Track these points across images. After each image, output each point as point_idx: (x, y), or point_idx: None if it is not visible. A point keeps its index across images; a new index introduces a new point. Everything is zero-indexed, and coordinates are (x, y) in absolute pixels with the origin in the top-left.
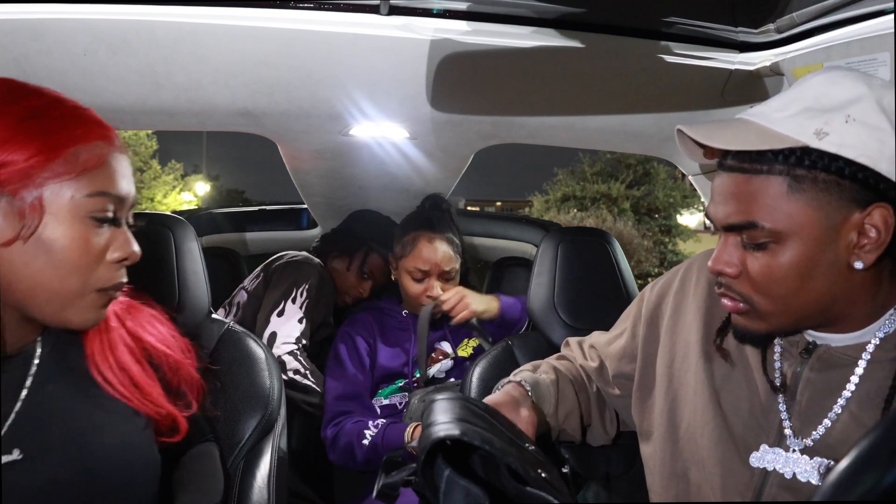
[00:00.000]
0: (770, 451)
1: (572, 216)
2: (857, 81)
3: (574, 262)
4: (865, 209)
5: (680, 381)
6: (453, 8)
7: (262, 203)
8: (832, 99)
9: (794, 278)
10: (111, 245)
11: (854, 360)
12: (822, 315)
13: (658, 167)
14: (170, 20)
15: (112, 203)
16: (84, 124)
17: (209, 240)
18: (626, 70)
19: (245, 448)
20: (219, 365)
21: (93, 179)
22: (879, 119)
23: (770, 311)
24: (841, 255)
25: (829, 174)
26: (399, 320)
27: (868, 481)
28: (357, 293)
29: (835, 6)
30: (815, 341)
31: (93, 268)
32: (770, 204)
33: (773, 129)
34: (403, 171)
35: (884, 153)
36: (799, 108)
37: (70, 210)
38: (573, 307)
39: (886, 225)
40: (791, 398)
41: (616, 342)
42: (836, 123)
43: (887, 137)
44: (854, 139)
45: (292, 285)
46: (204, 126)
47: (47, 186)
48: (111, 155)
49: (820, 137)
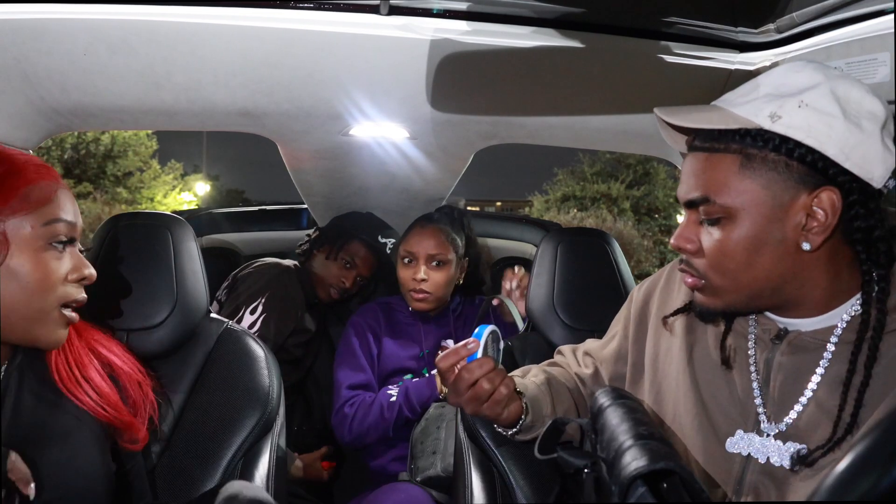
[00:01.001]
0: (745, 437)
1: (572, 216)
2: (816, 71)
3: (574, 263)
4: (814, 191)
5: (664, 374)
6: (453, 8)
7: (262, 203)
8: (790, 86)
9: (743, 253)
10: (70, 266)
11: (823, 343)
12: (774, 294)
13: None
14: (170, 20)
15: (65, 227)
16: (31, 170)
17: (209, 240)
18: (626, 70)
19: (244, 447)
20: (218, 364)
21: (46, 211)
22: (831, 106)
23: (722, 287)
24: (788, 234)
25: (779, 154)
26: (406, 314)
27: (868, 481)
28: (340, 284)
29: (835, 6)
30: (787, 327)
31: (56, 287)
32: (722, 180)
33: (733, 112)
34: (403, 171)
35: (832, 137)
36: (759, 94)
37: (31, 239)
38: (573, 307)
39: (833, 208)
40: (765, 384)
41: (609, 345)
42: (789, 107)
43: (837, 123)
44: (803, 122)
45: (253, 295)
46: (204, 126)
47: (9, 222)
48: (58, 190)
49: (773, 120)
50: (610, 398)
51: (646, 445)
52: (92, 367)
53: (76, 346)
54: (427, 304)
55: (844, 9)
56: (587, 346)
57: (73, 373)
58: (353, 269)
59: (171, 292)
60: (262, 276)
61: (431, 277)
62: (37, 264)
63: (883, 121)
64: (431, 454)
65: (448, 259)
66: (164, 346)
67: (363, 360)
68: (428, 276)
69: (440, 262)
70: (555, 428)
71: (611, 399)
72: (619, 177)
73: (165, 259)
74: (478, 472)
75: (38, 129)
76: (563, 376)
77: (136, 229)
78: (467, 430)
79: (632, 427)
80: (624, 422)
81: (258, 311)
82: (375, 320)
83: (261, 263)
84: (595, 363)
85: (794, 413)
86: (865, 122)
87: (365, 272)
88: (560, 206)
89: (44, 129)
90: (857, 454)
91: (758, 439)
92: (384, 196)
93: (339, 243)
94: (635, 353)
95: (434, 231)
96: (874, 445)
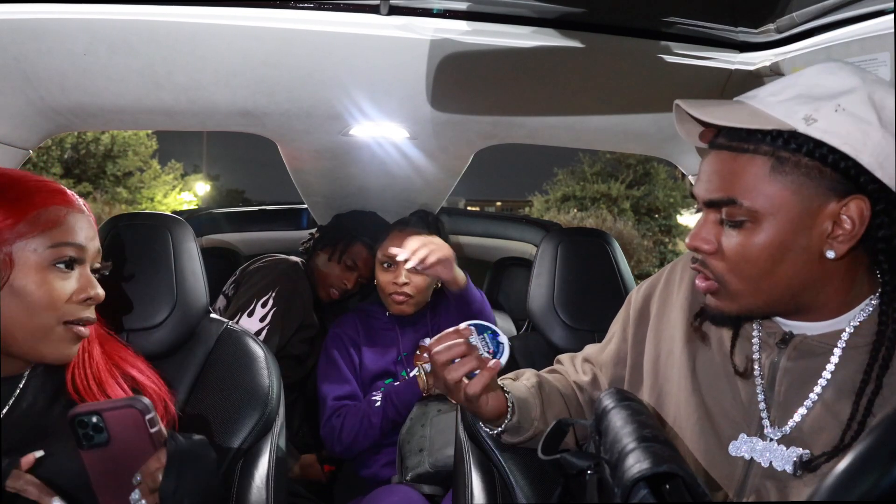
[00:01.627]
0: (748, 441)
1: (572, 216)
2: (852, 74)
3: (574, 263)
4: (843, 199)
5: (665, 377)
6: (453, 8)
7: (262, 203)
8: (825, 88)
9: (766, 259)
10: (77, 287)
11: (830, 348)
12: (791, 301)
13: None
14: (170, 20)
15: (72, 250)
16: (43, 193)
17: (209, 240)
18: (626, 70)
19: (244, 447)
20: (218, 364)
21: (53, 235)
22: (868, 112)
23: (740, 292)
24: (814, 242)
25: (813, 160)
26: (383, 321)
27: (868, 481)
28: (342, 285)
29: (835, 6)
30: (792, 331)
31: (59, 306)
32: (751, 182)
33: (764, 111)
34: (403, 171)
35: (867, 145)
36: (792, 94)
37: (36, 261)
38: (573, 307)
39: (862, 217)
40: (770, 388)
41: (607, 348)
42: (825, 111)
43: (873, 131)
44: (840, 128)
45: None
46: (204, 126)
47: (15, 244)
48: (69, 214)
49: (808, 123)
50: (614, 400)
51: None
52: (113, 382)
53: (97, 361)
54: (408, 308)
55: (844, 9)
56: (586, 353)
57: (90, 387)
58: (354, 270)
59: (171, 292)
60: (272, 270)
61: (413, 281)
62: (40, 284)
63: None
64: (419, 452)
65: None
66: (164, 346)
67: (345, 371)
68: (409, 279)
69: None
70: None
71: (615, 401)
72: (619, 177)
73: (165, 259)
74: (478, 472)
75: (38, 129)
76: (560, 382)
77: (136, 229)
78: (467, 429)
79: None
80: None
81: (269, 305)
82: (353, 329)
83: (270, 259)
84: (593, 369)
85: (798, 417)
86: None
87: (366, 274)
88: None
89: (44, 129)
90: (857, 454)
91: (761, 443)
92: (384, 196)
93: (342, 246)
94: (634, 356)
95: (412, 234)
96: (874, 445)
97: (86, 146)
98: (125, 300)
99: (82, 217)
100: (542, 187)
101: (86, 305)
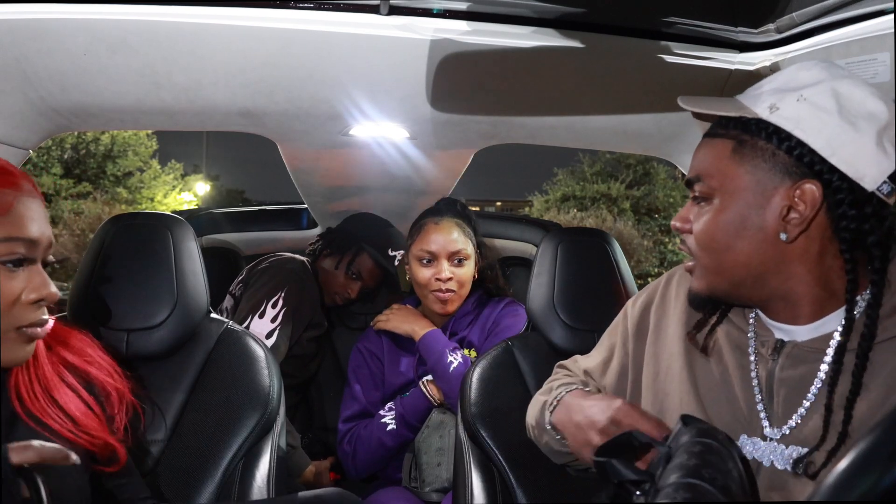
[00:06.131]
0: (748, 441)
1: (572, 216)
2: (824, 70)
3: (574, 263)
4: (796, 182)
5: (665, 392)
6: (453, 8)
7: (262, 203)
8: (797, 82)
9: (724, 235)
10: (27, 287)
11: (821, 351)
12: (757, 284)
13: (658, 167)
14: (170, 20)
15: (22, 246)
16: None
17: (209, 240)
18: (626, 70)
19: (245, 447)
20: (218, 364)
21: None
22: (828, 102)
23: (708, 268)
24: (769, 222)
25: (769, 143)
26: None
27: (868, 481)
28: (345, 293)
29: (835, 6)
30: (783, 338)
31: (8, 309)
32: (714, 162)
33: (741, 102)
34: (403, 171)
35: (822, 133)
36: (769, 88)
37: None
38: (573, 307)
39: (813, 201)
40: (769, 399)
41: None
42: (788, 100)
43: (830, 119)
44: (796, 114)
45: (274, 288)
46: (204, 126)
47: None
48: (18, 201)
49: (771, 111)
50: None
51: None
52: (63, 386)
53: (42, 363)
54: (452, 305)
55: (844, 9)
56: (585, 365)
57: (35, 394)
58: (359, 280)
59: (172, 292)
60: (280, 269)
61: (456, 274)
62: None
63: (884, 124)
64: (437, 466)
65: (469, 255)
66: (165, 346)
67: (356, 389)
68: (453, 273)
69: (462, 259)
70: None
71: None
72: (619, 177)
73: (165, 259)
74: (478, 472)
75: (38, 129)
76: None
77: (136, 229)
78: (467, 430)
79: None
80: (693, 458)
81: (279, 305)
82: (377, 342)
83: (278, 258)
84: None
85: (798, 417)
86: (863, 122)
87: (371, 283)
88: (560, 206)
89: (44, 129)
90: (857, 454)
91: (761, 443)
92: (384, 196)
93: (349, 256)
94: (635, 371)
95: (450, 226)
96: (874, 445)
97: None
98: (125, 300)
99: (33, 203)
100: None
101: (38, 307)
